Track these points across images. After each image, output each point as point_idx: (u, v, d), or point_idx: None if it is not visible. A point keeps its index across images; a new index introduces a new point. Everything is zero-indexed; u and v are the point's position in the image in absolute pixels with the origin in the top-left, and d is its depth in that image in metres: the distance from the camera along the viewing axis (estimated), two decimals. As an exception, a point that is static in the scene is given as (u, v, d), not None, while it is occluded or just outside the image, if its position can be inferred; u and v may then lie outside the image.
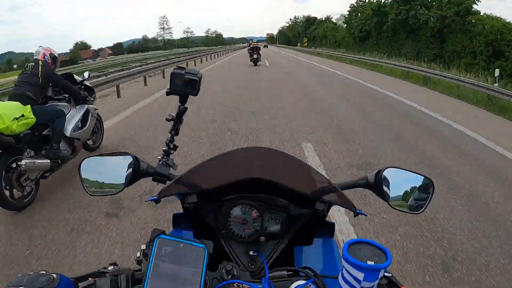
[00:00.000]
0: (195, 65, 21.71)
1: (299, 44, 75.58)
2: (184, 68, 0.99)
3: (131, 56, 71.56)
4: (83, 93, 4.24)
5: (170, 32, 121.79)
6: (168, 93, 1.00)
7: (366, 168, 4.30)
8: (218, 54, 34.58)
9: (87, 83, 4.69)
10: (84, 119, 4.22)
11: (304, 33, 77.54)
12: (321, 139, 5.49)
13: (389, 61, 19.33)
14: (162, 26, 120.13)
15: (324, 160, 4.55)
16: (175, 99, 1.01)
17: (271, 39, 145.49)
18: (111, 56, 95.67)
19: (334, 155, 4.78)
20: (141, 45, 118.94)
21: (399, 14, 28.72)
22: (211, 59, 29.23)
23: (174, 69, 0.99)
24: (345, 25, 50.62)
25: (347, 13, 44.17)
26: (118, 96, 9.63)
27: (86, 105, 4.34)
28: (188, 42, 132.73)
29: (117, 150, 0.93)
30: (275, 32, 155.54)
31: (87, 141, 4.56)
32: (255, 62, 20.53)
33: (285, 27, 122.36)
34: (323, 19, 76.57)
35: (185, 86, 0.97)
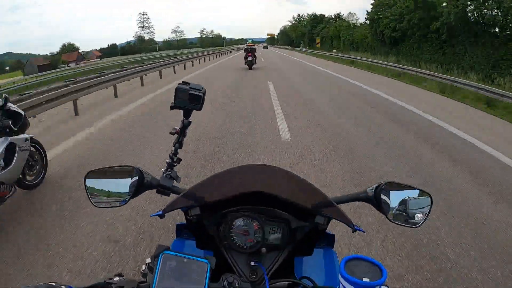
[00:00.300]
0: (174, 72, 17.74)
1: (301, 45, 69.83)
2: (189, 83, 1.02)
3: (114, 59, 63.11)
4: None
5: (152, 32, 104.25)
6: (172, 108, 1.03)
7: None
8: (210, 57, 31.19)
9: (13, 107, 3.73)
10: (8, 156, 3.36)
11: (310, 32, 68.20)
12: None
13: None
14: (142, 25, 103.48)
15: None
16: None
17: (271, 40, 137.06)
18: (95, 60, 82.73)
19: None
20: (136, 46, 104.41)
21: (460, 10, 18.06)
22: (199, 63, 24.85)
23: (178, 84, 1.02)
24: (360, 23, 42.79)
25: (370, 7, 31.44)
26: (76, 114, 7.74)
27: (9, 138, 3.43)
28: (187, 44, 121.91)
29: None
30: (276, 32, 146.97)
31: (25, 177, 3.75)
32: (250, 65, 18.62)
33: (288, 27, 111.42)
34: (332, 16, 66.49)
35: (189, 101, 1.00)
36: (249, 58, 18.46)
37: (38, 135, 4.76)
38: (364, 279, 0.60)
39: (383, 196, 0.94)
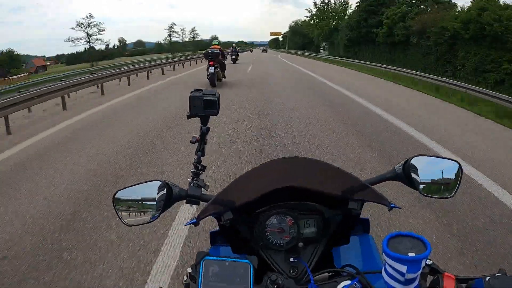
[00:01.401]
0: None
1: (321, 49, 51.22)
2: (202, 90, 1.02)
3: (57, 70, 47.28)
4: None
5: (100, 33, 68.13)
6: (189, 117, 1.03)
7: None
8: (176, 66, 21.04)
9: None
10: None
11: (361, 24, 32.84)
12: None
13: None
14: (84, 27, 68.80)
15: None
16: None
17: (275, 42, 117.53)
18: (23, 75, 46.34)
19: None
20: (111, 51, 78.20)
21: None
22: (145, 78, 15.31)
23: (191, 92, 1.03)
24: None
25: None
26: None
27: None
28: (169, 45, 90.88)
29: None
30: (283, 30, 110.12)
31: None
32: (212, 81, 11.88)
33: (300, 23, 78.64)
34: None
35: (204, 108, 1.01)
36: (210, 70, 11.86)
37: None
38: (410, 254, 0.59)
39: (412, 172, 0.92)
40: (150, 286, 2.35)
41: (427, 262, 0.65)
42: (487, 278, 0.60)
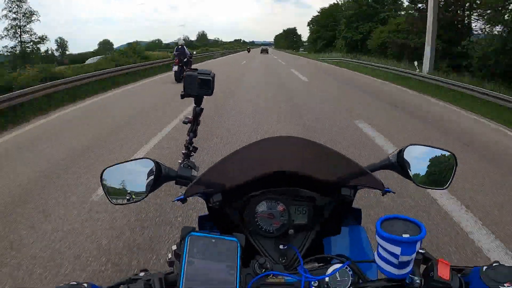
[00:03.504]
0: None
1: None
2: (196, 69, 1.00)
3: None
4: None
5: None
6: (183, 96, 1.01)
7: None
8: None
9: None
10: None
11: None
12: None
13: None
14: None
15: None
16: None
17: (279, 41, 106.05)
18: None
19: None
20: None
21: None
22: None
23: (186, 71, 1.00)
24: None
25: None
26: None
27: None
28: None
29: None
30: (301, 26, 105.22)
31: None
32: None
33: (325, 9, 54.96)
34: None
35: (199, 87, 0.98)
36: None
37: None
38: (404, 235, 0.57)
39: (406, 161, 0.90)
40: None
41: (420, 250, 0.64)
42: (484, 268, 0.59)
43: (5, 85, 9.02)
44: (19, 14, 37.32)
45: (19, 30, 37.60)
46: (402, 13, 29.91)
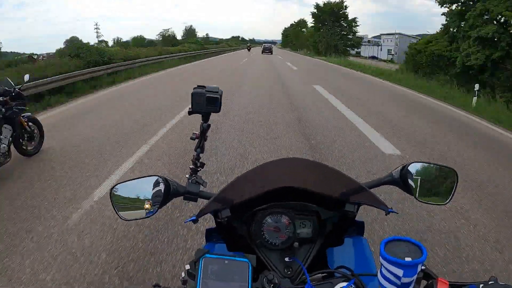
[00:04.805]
0: None
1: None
2: (205, 86, 1.02)
3: None
4: None
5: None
6: (190, 113, 1.03)
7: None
8: None
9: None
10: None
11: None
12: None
13: None
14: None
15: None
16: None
17: (286, 39, 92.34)
18: None
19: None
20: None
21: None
22: None
23: (194, 88, 1.02)
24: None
25: None
26: None
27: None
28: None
29: None
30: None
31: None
32: None
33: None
34: None
35: (206, 105, 1.00)
36: None
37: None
38: (407, 259, 0.60)
39: (408, 177, 0.93)
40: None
41: (421, 267, 0.67)
42: (481, 286, 0.62)
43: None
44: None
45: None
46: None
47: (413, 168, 0.94)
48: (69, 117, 7.45)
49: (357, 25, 53.59)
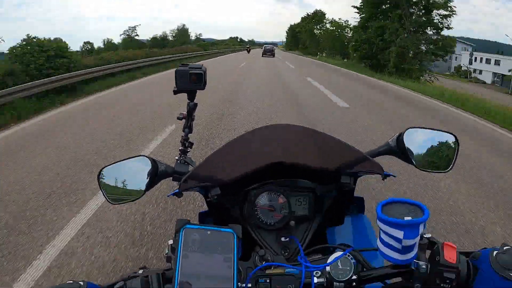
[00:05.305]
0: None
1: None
2: (188, 64, 0.99)
3: None
4: None
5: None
6: (175, 92, 1.00)
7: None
8: None
9: None
10: None
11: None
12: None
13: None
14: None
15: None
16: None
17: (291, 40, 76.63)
18: None
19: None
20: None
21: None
22: None
23: (178, 67, 0.99)
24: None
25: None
26: None
27: None
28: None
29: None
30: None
31: None
32: None
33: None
34: None
35: (191, 82, 0.97)
36: None
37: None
38: (406, 218, 0.55)
39: (406, 145, 0.88)
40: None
41: (425, 235, 0.62)
42: (494, 252, 0.56)
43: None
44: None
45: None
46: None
47: (410, 134, 0.89)
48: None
49: (452, 14, 22.56)
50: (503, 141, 6.62)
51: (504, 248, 0.57)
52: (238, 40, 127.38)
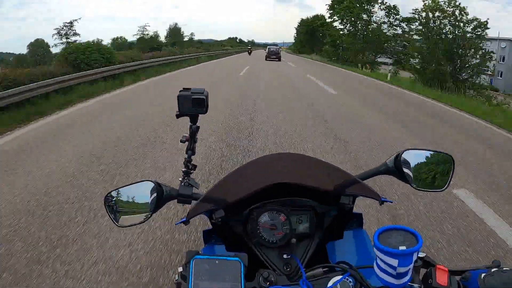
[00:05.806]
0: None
1: None
2: (190, 89, 1.01)
3: None
4: None
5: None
6: (178, 116, 1.02)
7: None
8: None
9: None
10: None
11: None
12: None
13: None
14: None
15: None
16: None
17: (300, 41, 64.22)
18: None
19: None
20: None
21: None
22: None
23: (180, 91, 1.01)
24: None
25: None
26: None
27: None
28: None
29: None
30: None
31: None
32: None
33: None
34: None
35: (193, 107, 1.00)
36: None
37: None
38: (401, 248, 0.58)
39: (403, 165, 0.92)
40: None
41: (419, 255, 0.65)
42: (483, 275, 0.60)
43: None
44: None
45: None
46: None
47: (407, 155, 0.92)
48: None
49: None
50: None
51: (492, 270, 0.60)
52: (238, 40, 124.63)
